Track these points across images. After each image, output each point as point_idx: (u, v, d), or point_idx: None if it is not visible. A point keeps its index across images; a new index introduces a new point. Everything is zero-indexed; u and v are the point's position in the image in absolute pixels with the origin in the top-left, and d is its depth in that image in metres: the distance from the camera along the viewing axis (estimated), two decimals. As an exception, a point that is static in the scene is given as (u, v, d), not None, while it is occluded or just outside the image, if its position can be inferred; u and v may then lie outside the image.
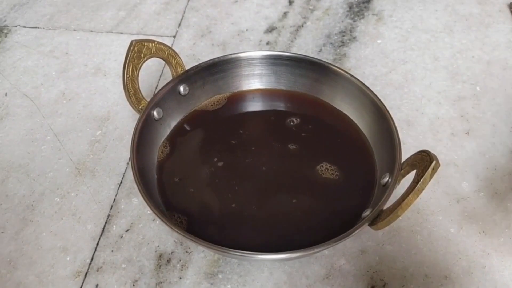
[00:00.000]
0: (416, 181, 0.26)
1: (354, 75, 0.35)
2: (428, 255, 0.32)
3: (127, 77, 0.32)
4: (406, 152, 0.30)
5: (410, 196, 0.25)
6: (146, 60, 0.33)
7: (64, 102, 0.43)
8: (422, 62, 0.45)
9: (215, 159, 0.34)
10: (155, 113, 0.34)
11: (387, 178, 0.30)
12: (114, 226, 0.35)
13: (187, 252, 0.33)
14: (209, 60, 0.36)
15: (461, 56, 0.46)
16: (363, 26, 0.49)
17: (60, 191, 0.37)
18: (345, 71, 0.35)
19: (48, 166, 0.38)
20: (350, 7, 0.51)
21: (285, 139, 0.36)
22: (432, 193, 0.35)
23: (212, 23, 0.51)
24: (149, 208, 0.28)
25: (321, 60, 0.36)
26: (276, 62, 0.37)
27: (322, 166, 0.34)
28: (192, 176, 0.33)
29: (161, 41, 0.34)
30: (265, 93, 0.39)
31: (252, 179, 0.33)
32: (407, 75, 0.44)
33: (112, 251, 0.33)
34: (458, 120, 0.40)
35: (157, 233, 0.34)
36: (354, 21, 0.50)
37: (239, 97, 0.38)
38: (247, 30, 0.50)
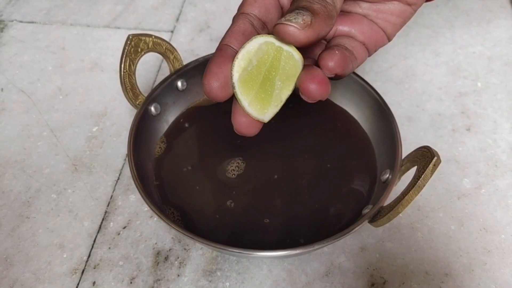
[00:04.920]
0: (417, 177, 0.25)
1: (354, 71, 0.35)
2: (428, 252, 0.32)
3: (124, 72, 0.32)
4: (407, 148, 0.29)
5: (410, 192, 0.25)
6: (144, 54, 0.33)
7: (61, 97, 0.43)
8: (423, 58, 0.45)
9: (213, 155, 0.34)
10: (152, 108, 0.34)
11: (388, 175, 0.30)
12: (111, 223, 0.34)
13: (185, 249, 0.33)
14: (207, 55, 0.36)
15: (462, 51, 0.45)
16: (363, 21, 0.49)
17: (56, 188, 0.36)
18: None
19: (44, 162, 0.38)
20: (350, 2, 0.51)
21: (284, 135, 0.35)
22: (433, 189, 0.35)
23: (211, 18, 0.50)
24: (146, 205, 0.28)
25: (321, 55, 0.36)
26: (276, 57, 0.37)
27: (322, 162, 0.33)
28: (190, 172, 0.33)
29: (159, 35, 0.34)
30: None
31: (251, 176, 0.33)
32: (408, 70, 0.44)
33: (109, 248, 0.33)
34: (459, 116, 0.40)
35: (155, 230, 0.34)
36: (354, 16, 0.49)
37: (237, 93, 0.38)
38: (246, 25, 0.49)
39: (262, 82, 0.24)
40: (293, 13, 0.22)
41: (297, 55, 0.23)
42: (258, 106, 0.24)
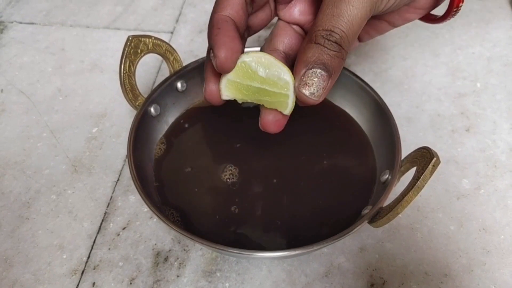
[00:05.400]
0: (416, 178, 0.25)
1: (353, 71, 0.35)
2: (428, 252, 0.32)
3: (124, 73, 0.32)
4: (406, 149, 0.29)
5: (410, 193, 0.25)
6: (143, 56, 0.33)
7: (61, 98, 0.43)
8: (422, 59, 0.45)
9: (213, 156, 0.34)
10: (152, 109, 0.34)
11: (387, 175, 0.30)
12: (111, 224, 0.34)
13: (184, 250, 0.33)
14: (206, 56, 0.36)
15: (462, 52, 0.45)
16: (362, 22, 0.49)
17: (56, 189, 0.36)
18: (344, 68, 0.35)
19: (44, 163, 0.38)
20: (350, 3, 0.51)
21: (284, 135, 0.35)
22: (432, 190, 0.35)
23: (210, 19, 0.50)
24: (146, 206, 0.28)
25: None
26: (275, 58, 0.37)
27: (322, 163, 0.33)
28: (190, 173, 0.33)
29: (159, 37, 0.34)
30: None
31: (251, 176, 0.33)
32: (407, 71, 0.44)
33: (109, 249, 0.33)
34: (459, 117, 0.40)
35: (155, 231, 0.34)
36: (354, 17, 0.49)
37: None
38: (245, 26, 0.49)
39: (252, 87, 0.26)
40: (314, 77, 0.23)
41: (291, 108, 0.26)
42: (230, 88, 0.26)
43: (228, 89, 0.26)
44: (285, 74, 0.25)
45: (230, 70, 0.25)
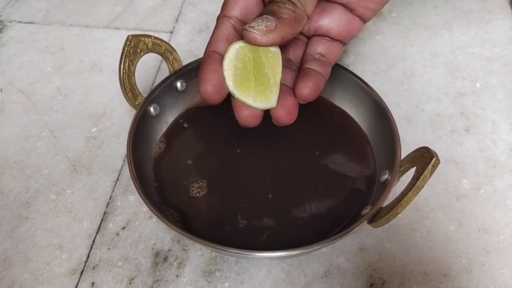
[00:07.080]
0: (416, 178, 0.25)
1: (353, 71, 0.35)
2: (427, 252, 0.32)
3: (123, 73, 0.32)
4: (406, 149, 0.29)
5: (409, 193, 0.25)
6: (143, 55, 0.33)
7: (60, 98, 0.43)
8: (422, 59, 0.45)
9: (213, 156, 0.34)
10: (151, 109, 0.34)
11: (387, 175, 0.30)
12: (111, 224, 0.34)
13: (184, 250, 0.33)
14: (206, 56, 0.36)
15: (461, 52, 0.45)
16: (362, 22, 0.49)
17: (55, 188, 0.36)
18: (344, 68, 0.35)
19: (43, 162, 0.38)
20: (349, 3, 0.51)
21: (283, 135, 0.35)
22: (432, 190, 0.35)
23: (210, 19, 0.50)
24: (145, 205, 0.28)
25: (320, 56, 0.36)
26: (275, 58, 0.37)
27: (321, 163, 0.33)
28: (189, 173, 0.33)
29: (158, 36, 0.34)
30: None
31: (250, 176, 0.33)
32: (407, 71, 0.44)
33: (108, 248, 0.33)
34: (458, 117, 0.40)
35: (154, 231, 0.34)
36: (353, 17, 0.49)
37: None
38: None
39: (255, 79, 0.26)
40: (259, 19, 0.24)
41: (272, 48, 0.26)
42: (262, 98, 0.27)
43: (266, 97, 0.27)
44: (235, 45, 0.26)
45: (216, 102, 0.27)
